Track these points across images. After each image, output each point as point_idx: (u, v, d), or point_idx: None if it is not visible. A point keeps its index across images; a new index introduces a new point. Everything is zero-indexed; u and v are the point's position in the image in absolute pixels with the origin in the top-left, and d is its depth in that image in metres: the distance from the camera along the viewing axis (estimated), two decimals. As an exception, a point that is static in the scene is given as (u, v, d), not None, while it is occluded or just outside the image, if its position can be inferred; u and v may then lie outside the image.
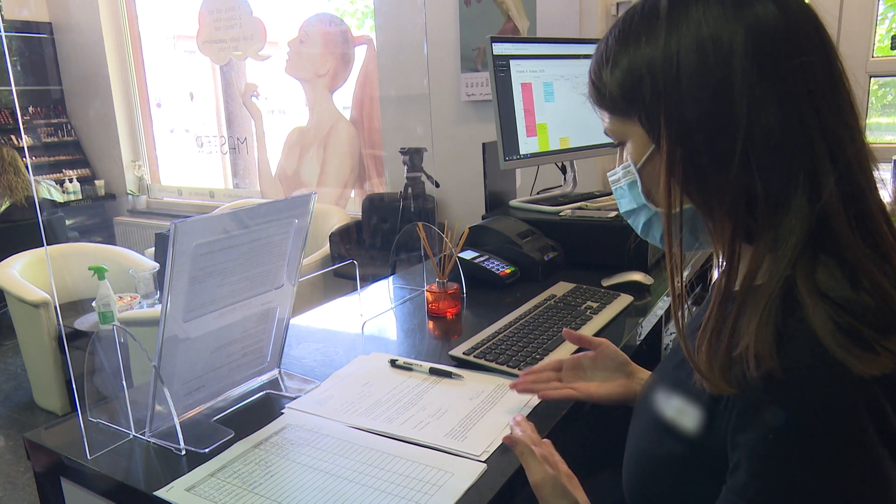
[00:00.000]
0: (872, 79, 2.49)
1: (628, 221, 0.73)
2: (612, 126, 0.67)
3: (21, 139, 4.81)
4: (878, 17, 2.46)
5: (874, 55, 2.45)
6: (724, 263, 0.60)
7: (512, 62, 1.60)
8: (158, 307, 2.85)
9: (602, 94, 0.66)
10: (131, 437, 0.87)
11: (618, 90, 0.63)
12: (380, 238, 3.66)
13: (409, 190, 3.20)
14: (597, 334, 1.14)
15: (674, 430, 0.63)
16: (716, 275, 0.69)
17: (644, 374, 0.90)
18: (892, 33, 2.43)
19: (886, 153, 2.24)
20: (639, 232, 0.72)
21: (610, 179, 0.72)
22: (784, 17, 0.57)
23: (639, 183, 0.67)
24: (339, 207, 3.97)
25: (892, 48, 2.43)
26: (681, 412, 0.62)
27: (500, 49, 1.58)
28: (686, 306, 0.64)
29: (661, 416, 0.66)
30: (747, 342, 0.53)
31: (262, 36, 4.18)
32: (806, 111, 0.55)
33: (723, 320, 0.57)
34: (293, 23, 4.04)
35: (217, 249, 0.83)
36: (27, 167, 4.26)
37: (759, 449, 0.52)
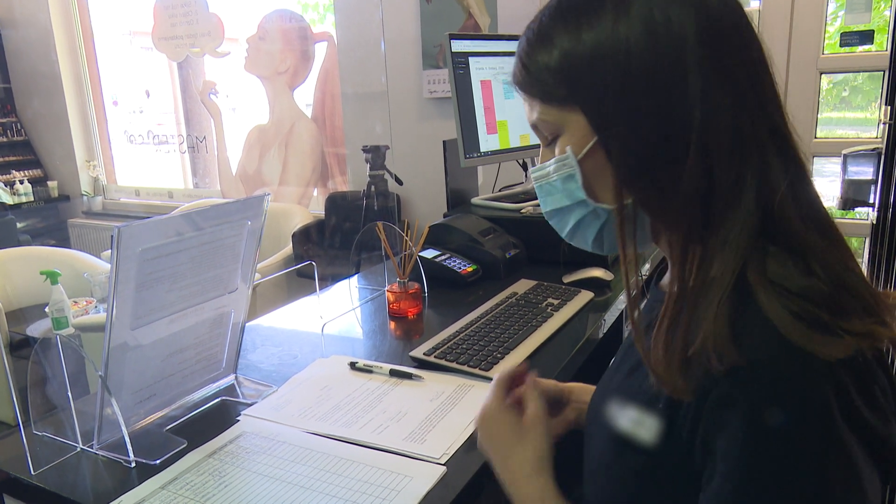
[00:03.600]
0: (823, 76, 2.55)
1: (551, 222, 0.68)
2: (544, 115, 0.61)
3: (-33, 139, 4.63)
4: (829, 17, 2.53)
5: (824, 52, 2.52)
6: (677, 261, 0.57)
7: (471, 59, 1.59)
8: (115, 311, 2.77)
9: (535, 79, 0.60)
10: (78, 449, 0.84)
11: (556, 75, 0.58)
12: (343, 237, 3.62)
13: (373, 188, 3.18)
14: (558, 331, 1.15)
15: (632, 441, 0.59)
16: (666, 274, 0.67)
17: (580, 389, 0.84)
18: (842, 31, 2.50)
19: (836, 147, 2.30)
20: (564, 233, 0.67)
21: (534, 175, 0.66)
22: (728, 6, 0.56)
23: (579, 176, 0.61)
24: (301, 206, 3.92)
25: (841, 45, 2.49)
26: (638, 423, 0.58)
27: (459, 46, 1.57)
28: (640, 308, 0.61)
29: (618, 428, 0.61)
30: (704, 337, 0.51)
31: (219, 32, 4.10)
32: (753, 106, 0.54)
33: (677, 318, 0.54)
34: (252, 19, 3.96)
35: (165, 254, 0.81)
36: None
37: (731, 450, 0.50)
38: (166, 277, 0.82)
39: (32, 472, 0.79)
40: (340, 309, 1.35)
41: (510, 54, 1.68)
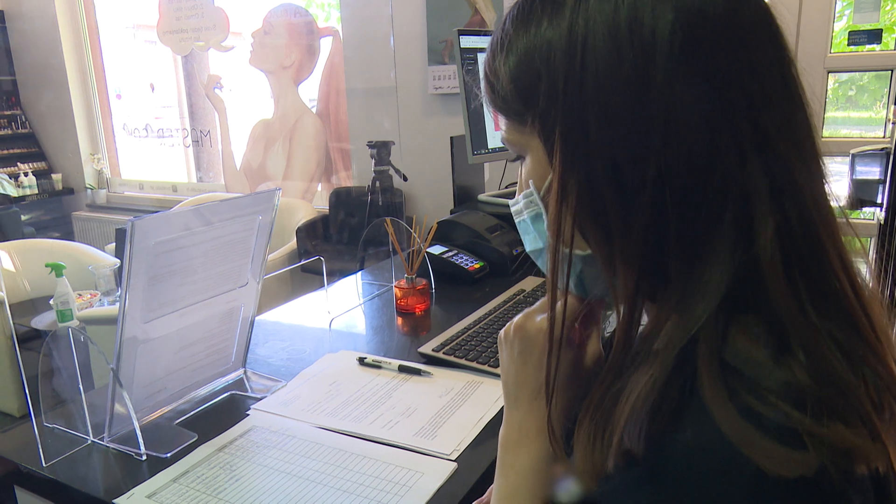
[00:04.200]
0: (830, 74, 2.54)
1: (537, 263, 0.57)
2: (508, 134, 0.51)
3: (-28, 131, 4.64)
4: (836, 14, 2.52)
5: (832, 51, 2.51)
6: (623, 321, 0.46)
7: (479, 55, 1.59)
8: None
9: (495, 91, 0.50)
10: (89, 442, 0.84)
11: (513, 85, 0.48)
12: (347, 233, 3.62)
13: (377, 184, 3.18)
14: (566, 329, 1.14)
15: None
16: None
17: None
18: (849, 29, 2.49)
19: (843, 147, 2.30)
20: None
21: (512, 211, 0.56)
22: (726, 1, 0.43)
23: (544, 215, 0.50)
24: (305, 201, 3.92)
25: (849, 44, 2.49)
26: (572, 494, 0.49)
27: (468, 42, 1.57)
28: (555, 381, 0.50)
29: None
30: (621, 415, 0.41)
31: (224, 26, 4.09)
32: (744, 130, 0.41)
33: (607, 392, 0.44)
34: (257, 13, 3.96)
35: (177, 248, 0.81)
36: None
37: None
38: (178, 271, 0.82)
39: (44, 463, 0.79)
40: (347, 304, 1.36)
41: (518, 51, 1.69)
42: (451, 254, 1.46)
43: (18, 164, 4.79)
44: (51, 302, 2.75)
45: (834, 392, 0.38)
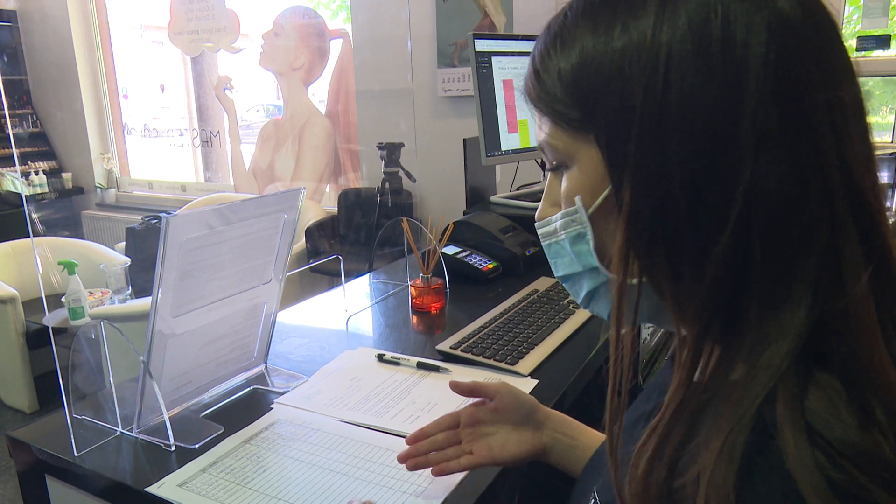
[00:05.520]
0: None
1: (564, 286, 0.52)
2: (553, 139, 0.46)
3: (-16, 130, 4.68)
4: (845, 19, 2.54)
5: (841, 56, 2.53)
6: (686, 362, 0.42)
7: (494, 59, 1.61)
8: (130, 303, 2.80)
9: (545, 92, 0.45)
10: (118, 433, 0.86)
11: (570, 90, 0.43)
12: (357, 233, 3.65)
13: (387, 185, 3.20)
14: (579, 329, 1.16)
15: None
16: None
17: (558, 419, 0.74)
18: (858, 35, 2.50)
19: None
20: (580, 301, 0.51)
21: (540, 232, 0.51)
22: (811, 18, 0.39)
23: (590, 237, 0.46)
24: (314, 202, 3.95)
25: (858, 49, 2.50)
26: None
27: (482, 45, 1.59)
28: (623, 413, 0.45)
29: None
30: (699, 471, 0.37)
31: (235, 28, 4.13)
32: (831, 165, 0.38)
33: (671, 433, 0.41)
34: (267, 15, 3.99)
35: (207, 244, 0.83)
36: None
37: None
38: (207, 267, 0.85)
39: (76, 453, 0.81)
40: (362, 303, 1.38)
41: (531, 54, 1.71)
42: (464, 254, 1.48)
43: (29, 162, 4.83)
44: (63, 299, 2.78)
45: None
